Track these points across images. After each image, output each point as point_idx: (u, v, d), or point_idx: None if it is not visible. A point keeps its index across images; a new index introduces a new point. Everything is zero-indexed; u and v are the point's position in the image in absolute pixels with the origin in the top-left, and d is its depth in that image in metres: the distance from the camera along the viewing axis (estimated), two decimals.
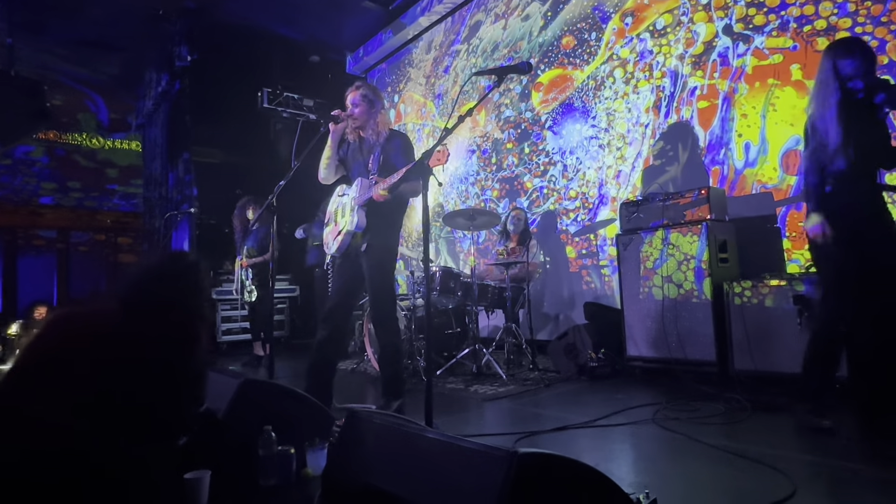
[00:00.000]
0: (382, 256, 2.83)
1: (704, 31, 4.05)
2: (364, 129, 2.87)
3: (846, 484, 1.79)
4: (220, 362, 5.59)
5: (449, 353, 4.21)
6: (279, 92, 7.30)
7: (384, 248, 2.84)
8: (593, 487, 1.11)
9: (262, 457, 1.70)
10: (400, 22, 6.92)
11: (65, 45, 7.12)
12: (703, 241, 3.32)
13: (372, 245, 2.80)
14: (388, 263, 2.87)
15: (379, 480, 1.31)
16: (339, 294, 2.92)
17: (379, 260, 2.81)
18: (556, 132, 5.17)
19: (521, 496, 1.00)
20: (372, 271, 2.80)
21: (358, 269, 2.86)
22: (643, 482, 1.85)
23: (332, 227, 2.94)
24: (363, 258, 2.82)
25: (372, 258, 2.80)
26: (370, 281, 2.82)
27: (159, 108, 7.06)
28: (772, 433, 2.34)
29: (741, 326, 3.09)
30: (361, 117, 2.84)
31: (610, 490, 1.12)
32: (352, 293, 2.94)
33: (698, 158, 4.07)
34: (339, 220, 2.90)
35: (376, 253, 2.80)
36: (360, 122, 2.85)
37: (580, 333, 3.81)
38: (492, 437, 2.51)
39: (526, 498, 1.01)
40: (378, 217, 2.79)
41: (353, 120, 2.85)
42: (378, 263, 2.80)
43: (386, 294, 2.85)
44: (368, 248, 2.81)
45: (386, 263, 2.85)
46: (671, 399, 2.94)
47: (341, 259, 2.92)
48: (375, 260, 2.80)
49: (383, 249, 2.84)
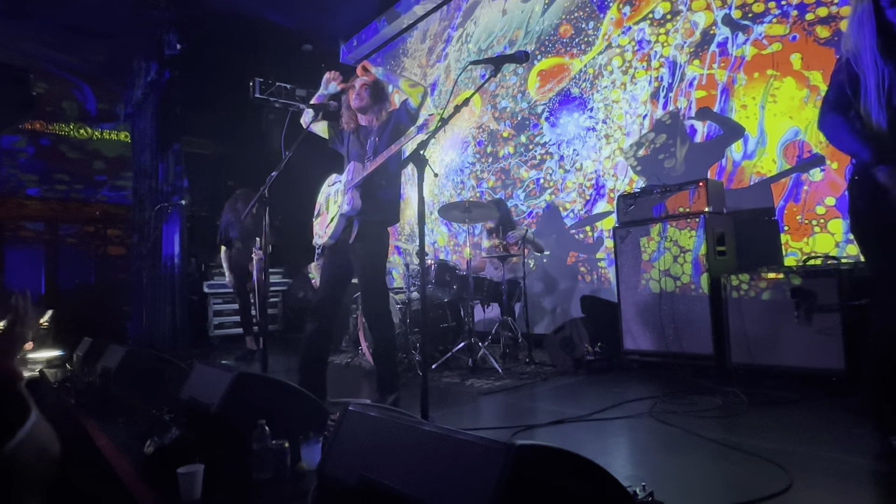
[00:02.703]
0: (373, 248, 2.79)
1: (703, 19, 4.01)
2: (364, 113, 2.85)
3: (843, 477, 1.79)
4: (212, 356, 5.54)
5: (444, 347, 4.18)
6: (271, 82, 7.21)
7: (375, 238, 2.80)
8: (590, 480, 1.10)
9: (257, 451, 1.68)
10: (394, 10, 6.84)
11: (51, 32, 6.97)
12: (701, 233, 3.30)
13: (362, 235, 2.76)
14: (379, 256, 2.83)
15: (374, 474, 1.29)
16: (327, 287, 2.88)
17: (370, 251, 2.77)
18: (554, 123, 5.13)
19: (518, 488, 0.99)
20: (363, 262, 2.76)
21: (347, 261, 2.82)
22: (640, 475, 1.86)
23: (324, 216, 2.90)
24: (352, 250, 2.78)
25: (362, 249, 2.76)
26: (361, 274, 2.78)
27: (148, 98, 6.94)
28: (768, 427, 2.34)
29: (739, 320, 3.08)
30: (363, 104, 2.82)
31: (607, 482, 1.11)
32: (340, 286, 2.91)
33: (696, 150, 4.05)
34: (330, 207, 2.86)
35: (367, 244, 2.76)
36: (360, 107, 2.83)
37: (577, 327, 3.79)
38: (488, 430, 2.50)
39: (523, 490, 1.00)
40: (372, 201, 2.74)
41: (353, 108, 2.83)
42: (369, 255, 2.77)
43: (377, 287, 2.81)
44: (358, 237, 2.77)
45: (377, 256, 2.81)
46: (668, 393, 2.93)
47: (331, 251, 2.88)
48: (366, 251, 2.76)
49: (374, 240, 2.79)
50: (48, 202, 8.39)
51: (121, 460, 1.89)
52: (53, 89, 8.40)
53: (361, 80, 2.85)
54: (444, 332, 4.28)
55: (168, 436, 1.77)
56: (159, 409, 1.99)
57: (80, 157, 8.70)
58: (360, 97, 2.83)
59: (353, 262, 2.82)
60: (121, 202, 8.76)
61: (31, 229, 8.36)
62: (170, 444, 1.75)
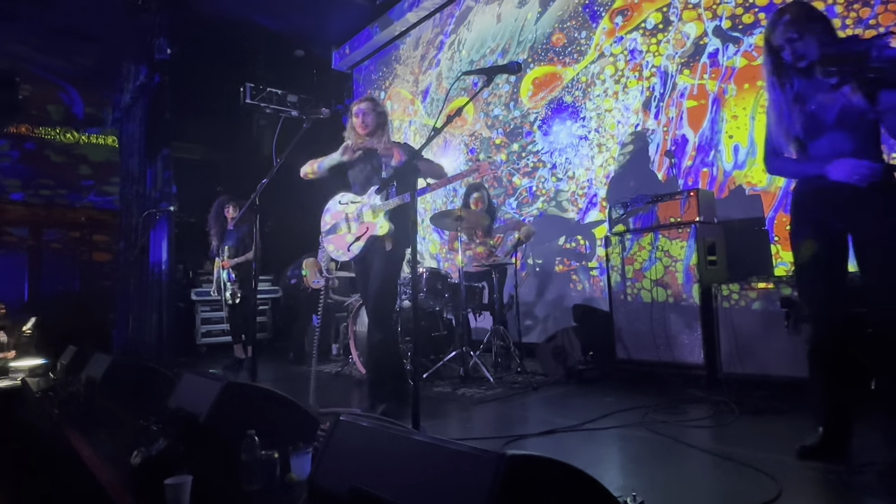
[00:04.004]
0: (398, 255, 2.96)
1: (694, 30, 4.06)
2: (372, 138, 2.95)
3: (831, 487, 1.81)
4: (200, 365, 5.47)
5: (436, 356, 4.16)
6: (262, 87, 7.18)
7: (400, 247, 2.97)
8: (582, 490, 1.10)
9: (245, 461, 1.65)
10: (387, 17, 6.86)
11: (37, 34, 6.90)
12: (692, 243, 3.32)
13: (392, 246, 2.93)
14: (399, 263, 3.01)
15: (365, 484, 1.28)
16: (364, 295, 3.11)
17: (394, 258, 2.93)
18: (546, 132, 5.16)
19: (510, 498, 0.99)
20: (388, 266, 2.90)
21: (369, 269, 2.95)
22: (631, 485, 1.86)
23: (343, 232, 3.01)
24: (376, 256, 2.90)
25: (389, 255, 2.91)
26: (381, 276, 2.88)
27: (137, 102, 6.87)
28: (758, 436, 2.36)
29: (729, 329, 3.10)
30: (370, 127, 2.94)
31: (598, 493, 1.11)
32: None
33: (688, 160, 4.09)
34: (351, 225, 2.98)
35: (394, 251, 2.92)
36: (368, 131, 2.95)
37: (569, 336, 3.79)
38: (480, 440, 2.48)
39: (515, 500, 1.00)
40: (397, 221, 2.91)
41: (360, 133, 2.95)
42: (393, 261, 2.93)
43: (391, 291, 2.98)
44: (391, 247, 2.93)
45: (398, 263, 2.99)
46: (659, 402, 2.93)
47: (359, 263, 3.01)
48: (392, 257, 2.92)
49: (399, 248, 2.97)
50: (32, 207, 8.27)
51: (106, 472, 1.85)
52: (39, 92, 8.30)
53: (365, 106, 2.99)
54: (436, 341, 4.25)
55: (155, 446, 1.74)
56: (146, 419, 1.96)
57: (66, 161, 8.60)
58: (366, 123, 2.95)
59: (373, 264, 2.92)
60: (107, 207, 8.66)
61: (15, 234, 8.23)
62: (157, 454, 1.72)
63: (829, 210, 1.98)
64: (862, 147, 1.92)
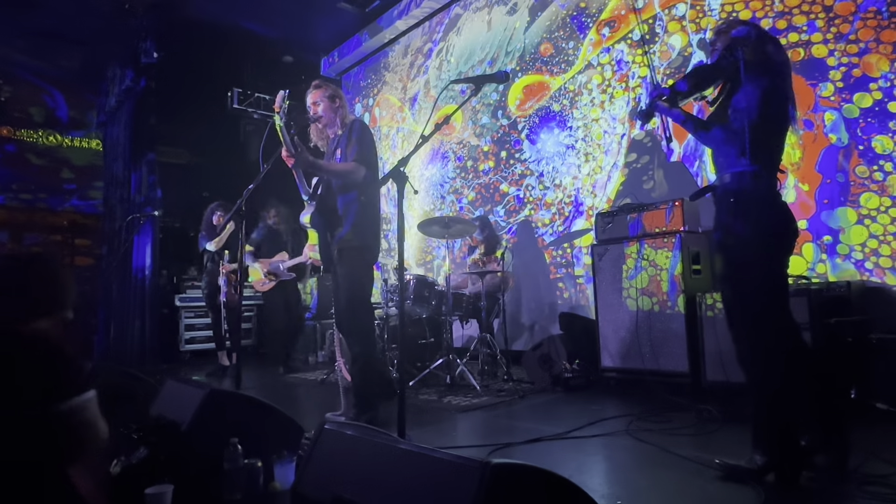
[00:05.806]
0: (353, 261, 2.76)
1: (679, 42, 4.12)
2: (331, 127, 2.88)
3: (814, 494, 1.83)
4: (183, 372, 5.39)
5: (422, 364, 4.14)
6: (250, 92, 7.15)
7: (355, 251, 2.77)
8: (567, 498, 1.11)
9: (228, 470, 1.63)
10: (376, 25, 6.88)
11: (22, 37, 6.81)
12: (677, 252, 3.35)
13: (343, 249, 2.77)
14: (358, 269, 2.78)
15: (350, 493, 1.28)
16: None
17: (350, 265, 2.75)
18: (533, 140, 5.19)
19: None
20: (342, 276, 2.77)
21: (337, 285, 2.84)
22: (616, 493, 1.87)
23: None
24: (338, 267, 2.79)
25: (343, 263, 2.76)
26: (346, 294, 2.77)
27: (123, 106, 6.80)
28: (742, 444, 2.35)
29: (714, 338, 3.12)
30: (326, 115, 2.86)
31: (583, 501, 1.12)
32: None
33: (674, 169, 4.13)
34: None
35: (346, 256, 2.76)
36: (325, 121, 2.87)
37: (555, 344, 3.80)
38: (465, 448, 2.47)
39: None
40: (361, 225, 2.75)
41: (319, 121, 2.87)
42: (348, 268, 2.75)
43: (355, 302, 2.77)
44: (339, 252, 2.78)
45: (356, 269, 2.77)
46: (644, 410, 2.95)
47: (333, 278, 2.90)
48: (345, 264, 2.75)
49: (354, 252, 2.77)
50: (12, 210, 8.13)
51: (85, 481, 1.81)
52: (21, 94, 8.18)
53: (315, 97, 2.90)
54: (422, 349, 4.24)
55: (136, 455, 1.72)
56: (127, 428, 1.92)
57: (48, 164, 8.47)
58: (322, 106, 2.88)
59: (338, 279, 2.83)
60: (90, 212, 8.54)
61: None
62: (137, 463, 1.69)
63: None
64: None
